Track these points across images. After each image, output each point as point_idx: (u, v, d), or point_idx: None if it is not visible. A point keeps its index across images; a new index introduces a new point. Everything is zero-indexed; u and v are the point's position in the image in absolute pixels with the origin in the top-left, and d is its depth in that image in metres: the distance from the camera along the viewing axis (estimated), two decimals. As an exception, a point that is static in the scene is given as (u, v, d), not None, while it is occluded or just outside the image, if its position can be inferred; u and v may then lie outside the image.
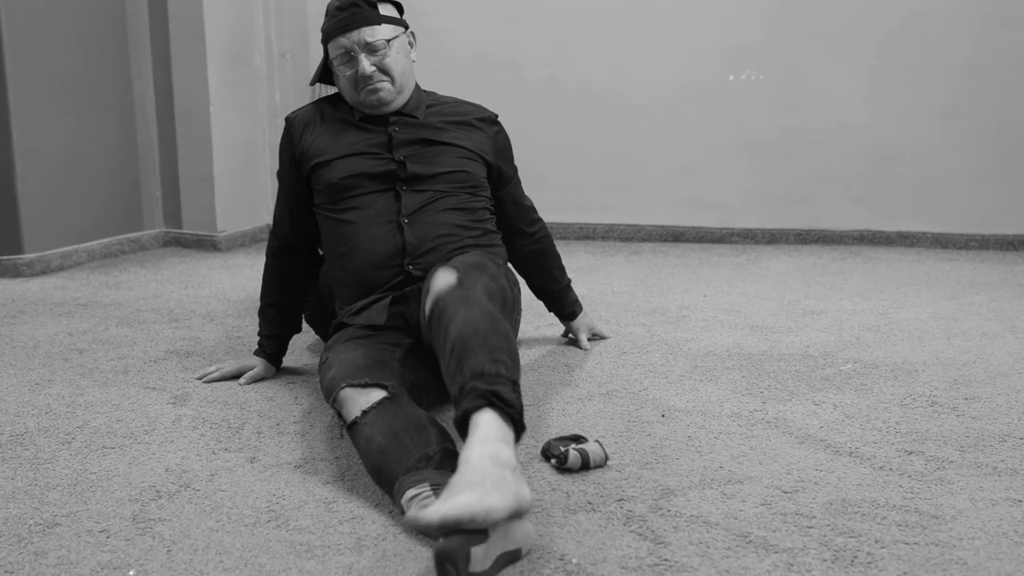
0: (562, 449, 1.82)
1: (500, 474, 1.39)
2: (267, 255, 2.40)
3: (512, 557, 1.43)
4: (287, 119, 2.30)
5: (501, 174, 2.38)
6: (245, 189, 4.54)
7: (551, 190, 4.44)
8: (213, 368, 2.41)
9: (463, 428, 1.52)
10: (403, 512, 1.56)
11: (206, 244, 4.38)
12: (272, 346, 2.41)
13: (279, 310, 2.39)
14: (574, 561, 1.48)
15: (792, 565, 1.46)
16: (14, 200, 3.75)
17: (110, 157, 4.22)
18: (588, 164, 4.55)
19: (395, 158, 2.18)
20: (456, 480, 1.39)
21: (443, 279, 1.77)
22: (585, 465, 1.81)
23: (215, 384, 2.37)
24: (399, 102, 2.22)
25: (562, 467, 1.81)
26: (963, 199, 4.19)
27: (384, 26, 2.16)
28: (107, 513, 1.66)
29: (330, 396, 1.82)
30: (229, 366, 2.40)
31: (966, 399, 2.21)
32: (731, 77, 4.35)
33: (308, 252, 2.39)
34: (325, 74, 2.27)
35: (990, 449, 1.91)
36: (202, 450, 1.95)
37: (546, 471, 1.82)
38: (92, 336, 2.84)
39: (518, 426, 1.53)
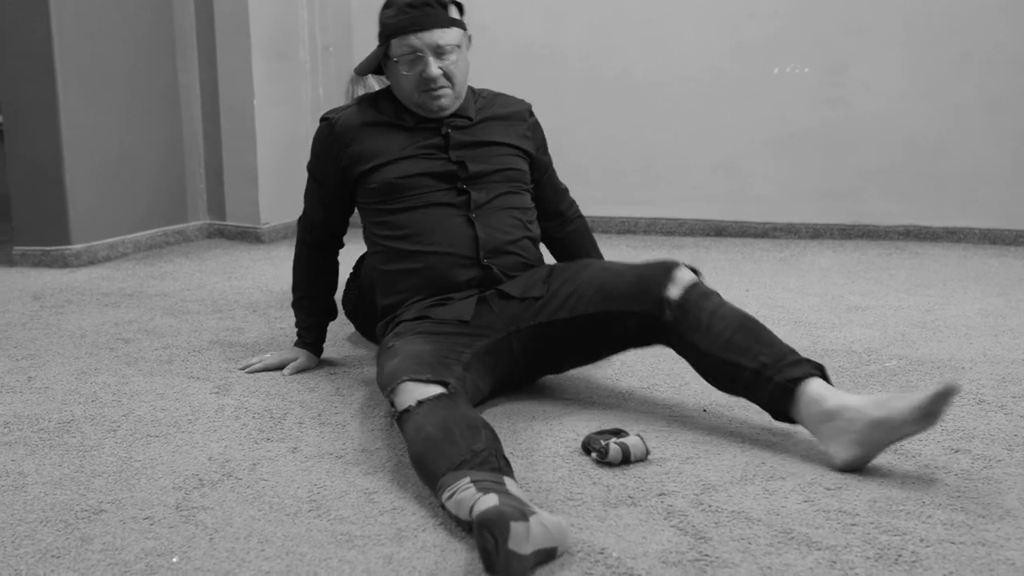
0: (603, 443, 1.82)
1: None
2: (298, 247, 2.41)
3: (547, 555, 1.43)
4: (329, 121, 2.25)
5: (540, 163, 2.38)
6: (288, 182, 4.57)
7: (592, 184, 4.42)
8: (256, 360, 2.44)
9: (791, 389, 1.80)
10: (442, 506, 1.56)
11: (249, 236, 4.42)
12: (312, 335, 2.43)
13: (313, 300, 2.41)
14: (614, 555, 1.47)
15: (835, 563, 1.45)
16: (62, 192, 3.81)
17: (156, 150, 4.27)
18: (629, 158, 4.53)
19: (451, 159, 2.17)
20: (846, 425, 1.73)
21: (686, 274, 2.01)
22: (626, 459, 1.80)
23: (257, 375, 2.39)
24: (455, 107, 2.21)
25: (603, 461, 1.80)
26: (1011, 194, 4.11)
27: (454, 29, 2.12)
28: (151, 500, 1.68)
29: (388, 387, 1.81)
30: (272, 358, 2.42)
31: (1014, 397, 2.18)
32: (775, 70, 4.30)
33: (337, 244, 2.40)
34: (376, 67, 2.24)
35: (1039, 448, 1.88)
36: (244, 439, 1.97)
37: (587, 465, 1.82)
38: (137, 326, 2.87)
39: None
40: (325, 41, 4.67)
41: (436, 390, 1.76)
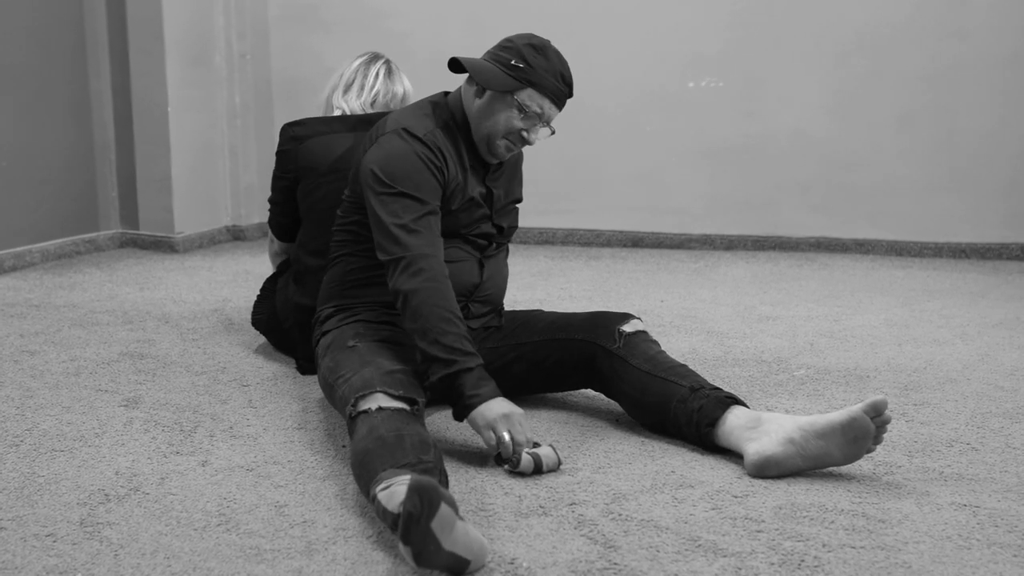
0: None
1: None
2: (425, 286, 1.94)
3: (460, 565, 1.44)
4: (419, 139, 2.06)
5: None
6: (203, 190, 4.50)
7: (511, 194, 4.44)
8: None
9: (726, 403, 1.91)
10: (373, 499, 1.56)
11: (163, 245, 4.34)
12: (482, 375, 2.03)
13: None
14: (524, 565, 1.48)
15: (740, 569, 1.48)
16: (-34, 199, 3.70)
17: (66, 156, 4.17)
18: (549, 168, 4.56)
19: (493, 220, 2.18)
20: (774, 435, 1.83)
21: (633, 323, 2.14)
22: (538, 469, 1.82)
23: (168, 387, 2.35)
24: None
25: (515, 471, 1.81)
26: (918, 207, 4.24)
27: None
28: (54, 517, 1.64)
29: (359, 392, 1.80)
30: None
31: (915, 405, 2.25)
32: (691, 84, 4.38)
33: None
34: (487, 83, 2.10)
35: (937, 454, 1.94)
36: (153, 453, 1.93)
37: (499, 475, 1.83)
38: (44, 338, 2.80)
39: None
40: (242, 48, 4.61)
41: (401, 405, 1.78)
